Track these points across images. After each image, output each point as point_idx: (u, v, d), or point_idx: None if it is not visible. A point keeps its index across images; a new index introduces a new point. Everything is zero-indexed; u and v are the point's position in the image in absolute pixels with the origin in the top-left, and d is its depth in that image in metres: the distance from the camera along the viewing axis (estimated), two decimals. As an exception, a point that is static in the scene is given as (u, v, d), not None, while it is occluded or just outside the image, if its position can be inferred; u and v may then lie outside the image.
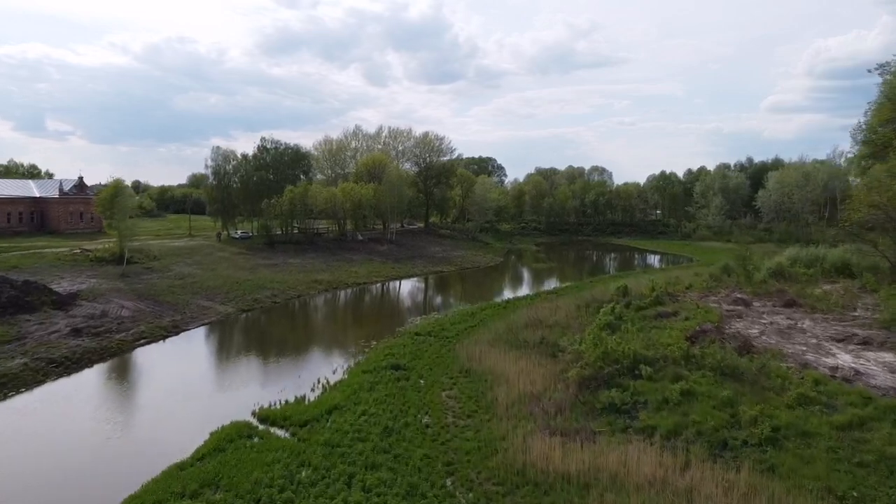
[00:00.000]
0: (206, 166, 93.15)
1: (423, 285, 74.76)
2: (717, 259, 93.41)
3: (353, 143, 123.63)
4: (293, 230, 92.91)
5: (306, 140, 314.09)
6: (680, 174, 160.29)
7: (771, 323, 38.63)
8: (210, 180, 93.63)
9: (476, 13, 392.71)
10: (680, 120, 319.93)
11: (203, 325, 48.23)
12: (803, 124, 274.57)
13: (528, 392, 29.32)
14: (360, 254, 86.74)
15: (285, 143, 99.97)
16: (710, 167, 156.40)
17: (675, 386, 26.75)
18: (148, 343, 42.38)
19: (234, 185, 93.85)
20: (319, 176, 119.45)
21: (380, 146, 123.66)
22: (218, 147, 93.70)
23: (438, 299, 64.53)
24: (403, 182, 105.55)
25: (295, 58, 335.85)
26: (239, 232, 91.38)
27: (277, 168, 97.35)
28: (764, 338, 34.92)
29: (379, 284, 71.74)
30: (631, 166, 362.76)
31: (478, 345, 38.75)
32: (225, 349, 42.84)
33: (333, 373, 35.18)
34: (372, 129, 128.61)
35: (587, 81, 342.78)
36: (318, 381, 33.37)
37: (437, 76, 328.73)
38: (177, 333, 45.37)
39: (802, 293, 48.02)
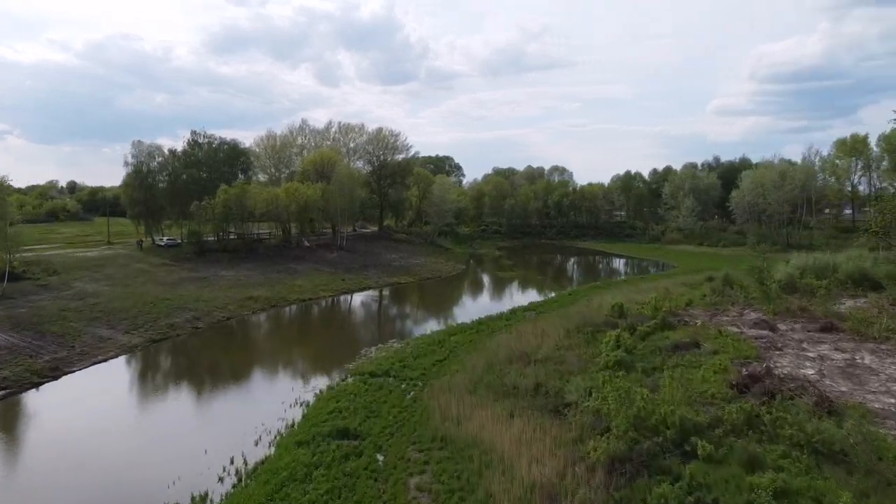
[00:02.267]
0: (126, 163, 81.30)
1: (378, 301, 65.04)
2: (697, 265, 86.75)
3: (300, 139, 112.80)
4: (229, 236, 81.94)
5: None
6: (618, 176, 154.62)
7: (820, 357, 30.56)
8: (130, 179, 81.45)
9: (428, 14, 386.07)
10: (628, 122, 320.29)
11: (95, 363, 37.54)
12: (748, 127, 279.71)
13: (537, 481, 20.18)
14: (306, 263, 76.41)
15: (220, 138, 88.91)
16: (659, 169, 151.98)
17: (758, 480, 17.96)
18: (9, 395, 31.62)
19: (161, 185, 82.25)
20: (262, 176, 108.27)
21: (329, 142, 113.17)
22: (139, 141, 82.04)
23: (397, 320, 54.88)
24: (355, 182, 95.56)
25: (244, 57, 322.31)
26: (165, 239, 79.88)
27: (211, 165, 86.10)
28: (828, 382, 26.75)
29: (327, 300, 61.69)
30: (581, 168, 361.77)
31: (453, 392, 29.48)
32: (107, 406, 31.81)
33: (256, 444, 25.28)
34: (321, 125, 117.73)
35: (538, 83, 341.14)
36: (232, 463, 23.48)
37: (390, 77, 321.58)
38: (56, 378, 34.62)
39: (830, 312, 40.44)
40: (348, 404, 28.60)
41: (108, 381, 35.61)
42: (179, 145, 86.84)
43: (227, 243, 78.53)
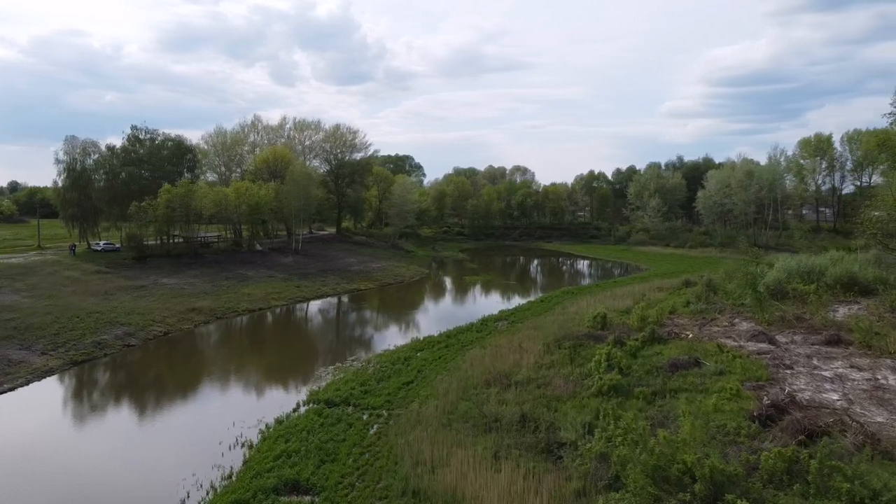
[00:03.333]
0: (57, 161, 74.22)
1: (336, 310, 60.08)
2: (669, 268, 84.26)
3: (252, 136, 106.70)
4: (174, 240, 75.74)
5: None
6: (582, 176, 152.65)
7: (839, 378, 27.13)
8: (62, 178, 74.48)
9: (384, 14, 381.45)
10: (585, 124, 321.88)
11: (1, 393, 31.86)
12: (699, 128, 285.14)
13: (538, 558, 15.95)
14: (258, 268, 70.86)
15: (164, 134, 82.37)
16: (623, 169, 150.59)
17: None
18: None
19: (98, 184, 75.52)
20: (211, 175, 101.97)
21: (283, 140, 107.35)
22: (73, 136, 74.99)
23: (357, 333, 49.98)
24: (311, 181, 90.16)
25: (198, 55, 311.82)
26: (101, 243, 73.18)
27: (154, 163, 79.56)
28: (858, 409, 23.23)
29: (280, 310, 56.47)
30: (541, 169, 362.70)
31: (424, 426, 25.04)
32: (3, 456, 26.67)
33: (181, 506, 20.45)
34: (275, 122, 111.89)
35: (496, 85, 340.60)
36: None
37: (347, 77, 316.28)
38: (-56, 414, 28.93)
39: (829, 321, 37.40)
40: (300, 445, 23.85)
41: (16, 417, 29.97)
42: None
43: (171, 247, 72.35)
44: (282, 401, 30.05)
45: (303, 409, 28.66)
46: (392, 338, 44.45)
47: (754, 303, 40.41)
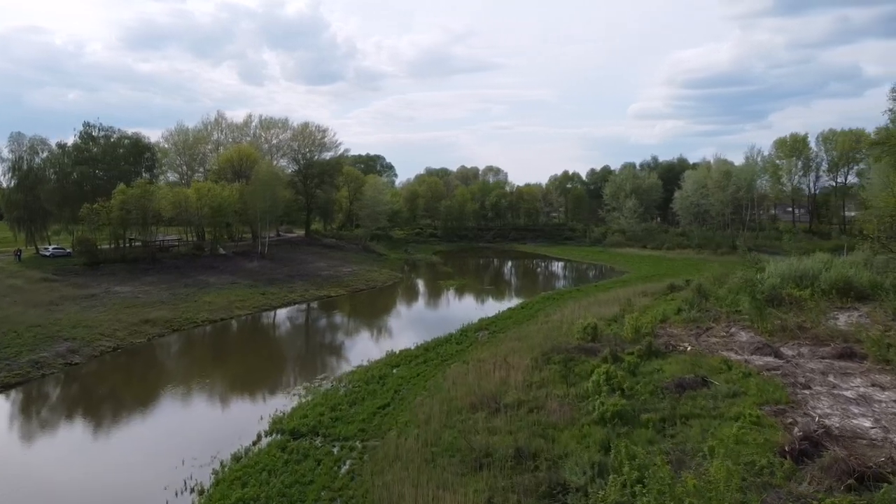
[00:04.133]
0: (2, 159, 69.01)
1: (304, 320, 56.37)
2: (649, 271, 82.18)
3: (216, 134, 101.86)
4: (131, 244, 71.08)
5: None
6: (556, 176, 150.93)
7: (864, 399, 24.50)
8: (7, 177, 69.40)
9: (354, 14, 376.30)
10: (554, 125, 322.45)
11: (-90, 426, 27.63)
12: (665, 130, 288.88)
13: None
14: (221, 274, 66.64)
15: (120, 131, 77.51)
16: (582, 172, 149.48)
17: None
18: None
19: (48, 185, 70.41)
20: (172, 175, 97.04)
21: (249, 138, 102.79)
22: (20, 133, 69.78)
23: (327, 346, 46.25)
24: (278, 181, 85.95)
25: (163, 53, 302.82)
26: (51, 248, 68.14)
27: (109, 162, 74.78)
28: (894, 439, 20.60)
29: (244, 319, 52.50)
30: (512, 169, 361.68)
31: (405, 463, 21.72)
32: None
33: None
34: (240, 119, 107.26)
35: (466, 86, 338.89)
36: None
37: (316, 76, 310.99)
38: None
39: (835, 331, 35.07)
40: (259, 490, 20.34)
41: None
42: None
43: (127, 252, 67.67)
44: (241, 430, 26.36)
45: (265, 442, 25.12)
46: (365, 351, 40.96)
47: (753, 311, 37.90)
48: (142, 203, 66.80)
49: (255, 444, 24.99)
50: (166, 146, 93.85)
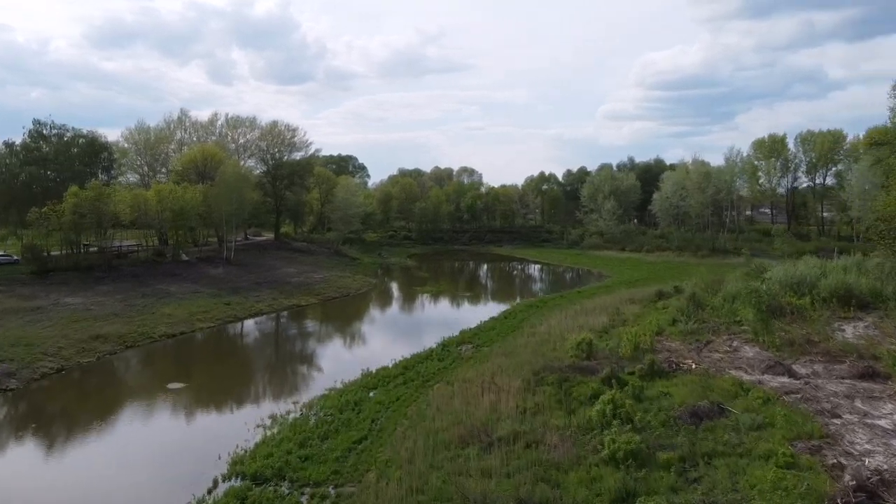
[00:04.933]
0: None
1: (271, 334, 52.55)
2: (631, 275, 79.96)
3: (179, 133, 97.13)
4: (86, 250, 66.39)
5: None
6: (532, 177, 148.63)
7: (900, 429, 21.91)
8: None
9: (324, 13, 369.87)
10: (526, 125, 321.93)
11: None
12: (635, 131, 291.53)
13: None
14: (182, 282, 62.38)
15: (74, 129, 72.68)
16: (558, 173, 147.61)
17: None
18: None
19: (-6, 186, 65.52)
20: (133, 176, 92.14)
21: (214, 138, 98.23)
22: (-38, 131, 64.63)
23: (296, 365, 42.22)
24: (245, 182, 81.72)
25: (129, 51, 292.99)
26: (-4, 254, 63.26)
27: (62, 163, 70.02)
28: (952, 483, 17.94)
29: (205, 334, 48.52)
30: (484, 170, 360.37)
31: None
32: None
33: None
34: (205, 117, 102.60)
35: (437, 86, 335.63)
36: None
37: (286, 76, 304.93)
38: None
39: (848, 345, 32.66)
40: (211, 560, 16.89)
41: None
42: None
43: (80, 259, 62.95)
44: (194, 475, 22.71)
45: (222, 489, 21.56)
46: (338, 370, 37.40)
47: (759, 324, 35.32)
48: (96, 206, 62.24)
49: (210, 492, 21.41)
50: (126, 146, 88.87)
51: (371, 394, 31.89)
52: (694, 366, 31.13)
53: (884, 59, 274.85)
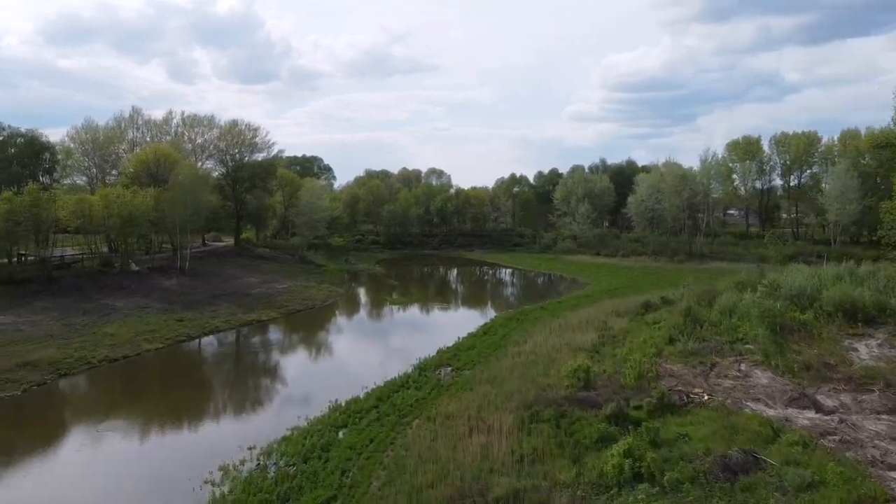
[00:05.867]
0: None
1: (227, 356, 47.63)
2: (611, 282, 77.01)
3: (131, 132, 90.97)
4: (23, 261, 60.47)
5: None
6: (503, 179, 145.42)
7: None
8: None
9: (289, 11, 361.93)
10: (491, 126, 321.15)
11: None
12: (599, 132, 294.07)
13: None
14: (130, 296, 57.02)
15: (10, 127, 66.54)
16: (532, 174, 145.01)
17: None
18: None
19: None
20: (80, 179, 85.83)
21: (170, 137, 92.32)
22: None
23: (252, 397, 36.61)
24: (201, 185, 76.39)
25: (86, 49, 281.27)
26: (-83, 267, 56.90)
27: (-2, 165, 63.89)
28: None
29: (152, 356, 43.42)
30: (453, 171, 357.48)
31: None
32: None
33: None
34: (159, 115, 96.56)
35: (403, 87, 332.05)
36: None
37: (250, 75, 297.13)
38: None
39: (871, 370, 29.59)
40: None
41: None
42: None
43: (15, 271, 57.10)
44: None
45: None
46: (302, 402, 33.05)
47: (772, 346, 32.08)
48: (34, 212, 56.49)
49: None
50: (72, 146, 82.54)
51: (340, 433, 27.65)
52: (706, 396, 27.66)
53: (838, 63, 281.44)
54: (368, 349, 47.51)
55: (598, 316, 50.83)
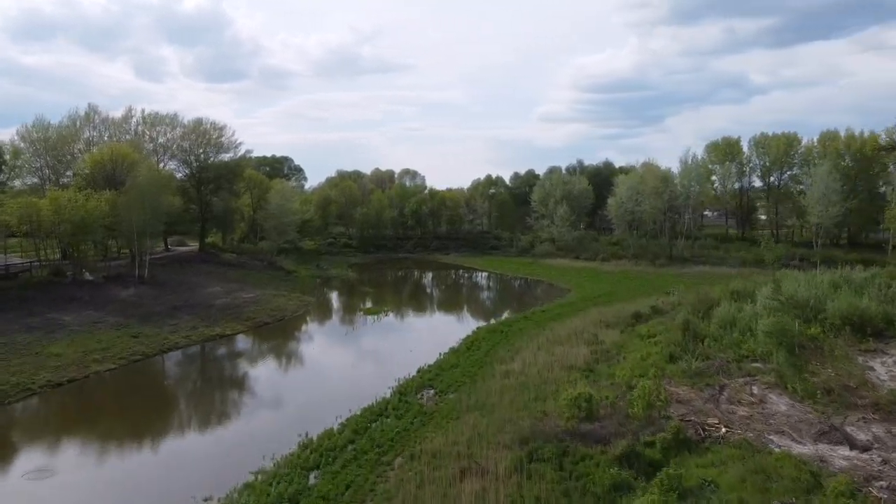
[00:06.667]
0: None
1: (186, 379, 43.42)
2: (592, 288, 74.59)
3: (87, 131, 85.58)
4: (-38, 269, 55.53)
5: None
6: (479, 180, 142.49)
7: None
8: None
9: (259, 10, 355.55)
10: (463, 126, 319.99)
11: None
12: (569, 133, 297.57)
13: None
14: (82, 309, 52.46)
15: (-50, 126, 61.10)
16: (506, 175, 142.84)
17: None
18: None
19: None
20: (32, 180, 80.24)
21: (130, 136, 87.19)
22: None
23: (211, 430, 32.30)
24: (163, 187, 71.79)
25: (50, 46, 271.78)
26: None
27: (-66, 166, 58.64)
28: None
29: (103, 378, 39.22)
30: (426, 172, 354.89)
31: None
32: None
33: None
34: (118, 113, 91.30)
35: (375, 86, 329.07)
36: None
37: (219, 74, 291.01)
38: None
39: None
40: None
41: None
42: None
43: (-46, 283, 52.23)
44: None
45: None
46: (268, 436, 29.26)
47: (790, 370, 29.33)
48: (-27, 218, 51.71)
49: None
50: (21, 146, 77.06)
51: (312, 478, 24.12)
52: (724, 429, 24.75)
53: (803, 66, 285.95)
54: (342, 368, 43.76)
55: (586, 327, 48.01)
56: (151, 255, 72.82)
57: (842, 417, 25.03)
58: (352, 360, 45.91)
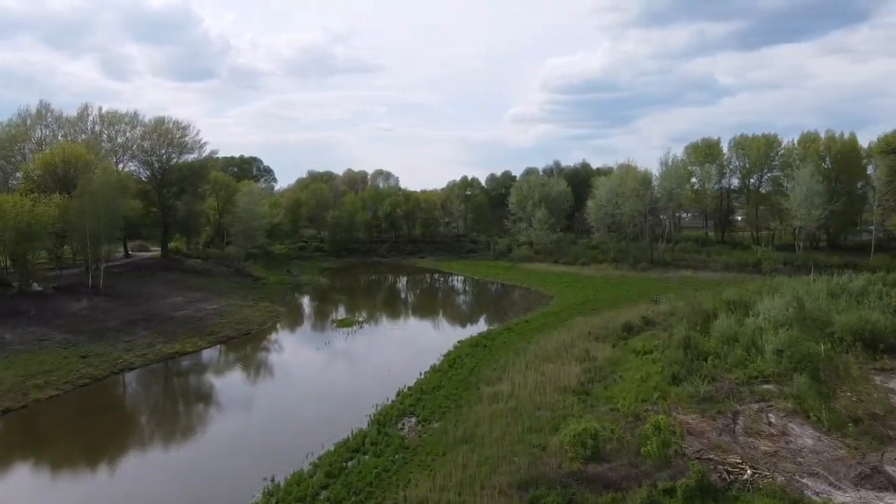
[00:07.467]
0: None
1: (140, 405, 39.21)
2: (575, 294, 71.88)
3: (39, 130, 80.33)
4: None
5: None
6: (454, 182, 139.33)
7: None
8: None
9: (229, 9, 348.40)
10: (435, 127, 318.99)
11: None
12: (539, 133, 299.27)
13: None
14: (27, 325, 47.90)
15: None
16: (481, 176, 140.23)
17: None
18: None
19: None
20: (-23, 181, 74.95)
21: (86, 136, 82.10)
22: None
23: (163, 482, 27.37)
24: (119, 191, 67.13)
25: (12, 43, 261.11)
26: None
27: None
28: None
29: (43, 407, 34.94)
30: (399, 173, 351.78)
31: None
32: None
33: None
34: (73, 111, 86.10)
35: (346, 86, 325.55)
36: None
37: (187, 73, 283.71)
38: None
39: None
40: None
41: None
42: None
43: None
44: None
45: None
46: (228, 485, 25.51)
47: (815, 398, 26.52)
48: None
49: None
50: (-35, 145, 71.81)
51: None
52: (749, 471, 21.81)
53: (770, 68, 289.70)
54: (314, 392, 39.88)
55: (574, 341, 45.00)
56: (109, 263, 68.27)
57: (878, 454, 22.34)
58: (325, 382, 42.04)
